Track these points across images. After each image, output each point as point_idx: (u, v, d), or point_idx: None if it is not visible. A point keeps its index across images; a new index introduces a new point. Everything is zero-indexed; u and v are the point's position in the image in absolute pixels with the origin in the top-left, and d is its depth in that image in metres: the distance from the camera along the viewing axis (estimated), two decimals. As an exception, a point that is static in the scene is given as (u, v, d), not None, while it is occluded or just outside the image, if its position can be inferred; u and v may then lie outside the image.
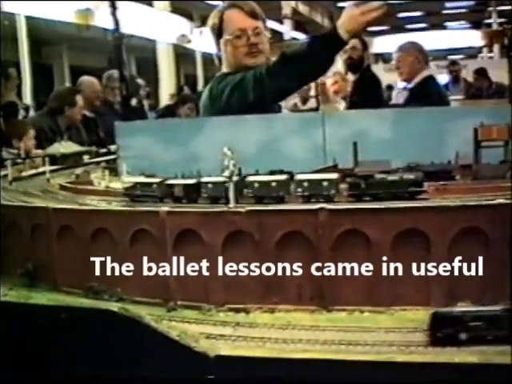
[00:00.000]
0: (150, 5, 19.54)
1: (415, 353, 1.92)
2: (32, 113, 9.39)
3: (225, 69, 4.34)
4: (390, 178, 2.49)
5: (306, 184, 2.51)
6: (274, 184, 2.55)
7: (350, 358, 1.91)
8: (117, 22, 5.19)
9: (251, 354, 1.96)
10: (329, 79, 7.27)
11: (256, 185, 2.55)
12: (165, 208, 2.40)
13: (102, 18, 11.95)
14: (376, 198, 2.43)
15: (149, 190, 2.76)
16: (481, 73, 12.08)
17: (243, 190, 2.57)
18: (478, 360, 1.83)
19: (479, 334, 1.93)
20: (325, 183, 2.49)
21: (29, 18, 14.26)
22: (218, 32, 4.31)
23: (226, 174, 2.41)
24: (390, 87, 9.66)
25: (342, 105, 7.29)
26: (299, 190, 2.51)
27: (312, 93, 11.69)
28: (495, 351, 1.87)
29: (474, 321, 1.94)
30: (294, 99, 11.30)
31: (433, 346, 1.93)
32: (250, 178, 2.59)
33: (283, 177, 2.61)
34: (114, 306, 2.16)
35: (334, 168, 3.03)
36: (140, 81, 10.36)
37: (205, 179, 2.66)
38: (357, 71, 6.68)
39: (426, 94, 6.07)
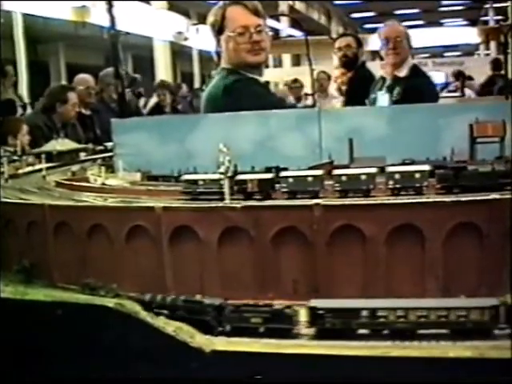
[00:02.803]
0: (147, 2, 19.53)
1: (410, 348, 1.93)
2: (29, 110, 9.37)
3: (224, 65, 4.32)
4: (482, 169, 2.43)
5: (397, 176, 2.41)
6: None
7: (345, 353, 1.91)
8: (113, 20, 5.17)
9: (247, 349, 1.97)
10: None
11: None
12: (160, 204, 2.40)
13: (98, 16, 11.95)
14: (465, 189, 2.36)
15: (215, 186, 2.60)
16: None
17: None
18: (471, 354, 1.84)
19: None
20: (417, 175, 2.40)
21: (25, 16, 14.25)
22: (219, 29, 4.29)
23: (222, 170, 2.42)
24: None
25: (339, 102, 7.31)
26: (391, 182, 2.42)
27: (305, 91, 11.74)
28: (490, 346, 1.88)
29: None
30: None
31: None
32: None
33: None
34: (110, 302, 2.17)
35: (330, 164, 3.04)
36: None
37: (285, 173, 2.55)
38: (352, 68, 6.69)
39: (418, 86, 5.96)
